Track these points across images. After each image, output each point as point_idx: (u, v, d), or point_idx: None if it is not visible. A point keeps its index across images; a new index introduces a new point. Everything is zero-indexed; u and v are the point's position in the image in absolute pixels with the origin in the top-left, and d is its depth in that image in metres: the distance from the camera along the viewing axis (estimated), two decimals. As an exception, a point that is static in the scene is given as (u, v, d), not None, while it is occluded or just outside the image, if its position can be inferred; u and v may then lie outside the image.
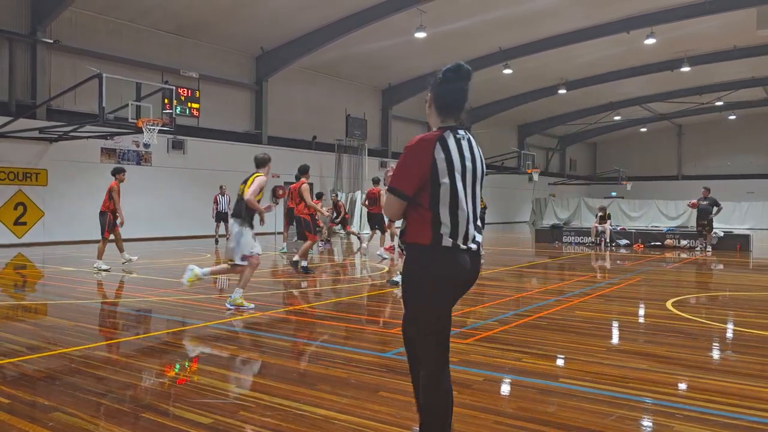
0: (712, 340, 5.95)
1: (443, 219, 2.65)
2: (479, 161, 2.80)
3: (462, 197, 2.68)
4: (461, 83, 2.77)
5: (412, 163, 2.64)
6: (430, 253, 2.66)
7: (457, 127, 2.77)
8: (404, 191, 2.66)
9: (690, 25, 23.40)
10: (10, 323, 6.62)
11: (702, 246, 17.29)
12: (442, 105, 2.79)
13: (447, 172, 2.64)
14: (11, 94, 17.17)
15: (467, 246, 2.70)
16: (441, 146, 2.64)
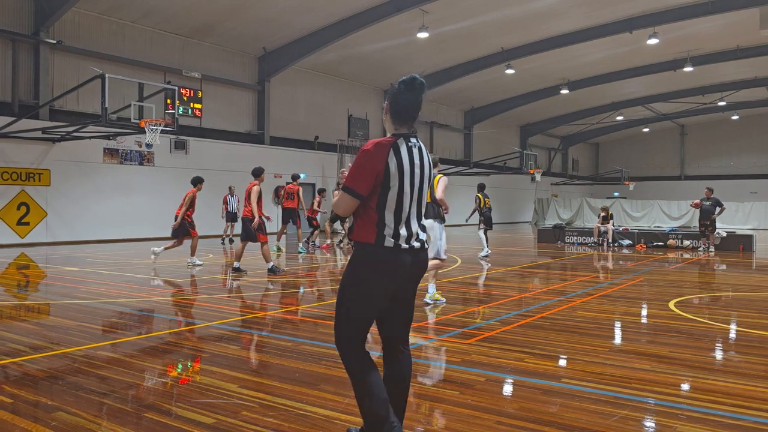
0: (715, 341, 5.94)
1: (387, 221, 2.87)
2: (427, 167, 3.01)
3: (407, 201, 2.90)
4: (414, 94, 2.94)
5: (367, 166, 2.83)
6: (373, 252, 2.88)
7: (409, 134, 2.97)
8: (359, 191, 2.85)
9: (693, 25, 23.37)
10: (14, 323, 6.63)
11: (705, 246, 17.26)
12: (396, 114, 2.96)
13: (397, 177, 2.84)
14: (14, 95, 17.21)
15: (409, 245, 2.91)
16: (394, 152, 2.85)
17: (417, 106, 2.97)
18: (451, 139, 35.90)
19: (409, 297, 3.08)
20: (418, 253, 2.97)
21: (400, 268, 2.91)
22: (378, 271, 2.89)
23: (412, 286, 3.07)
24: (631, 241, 18.93)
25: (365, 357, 2.98)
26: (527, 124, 41.50)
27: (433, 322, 6.66)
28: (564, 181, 45.18)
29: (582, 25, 23.58)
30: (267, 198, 23.59)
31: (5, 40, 17.07)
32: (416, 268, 2.99)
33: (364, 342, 3.02)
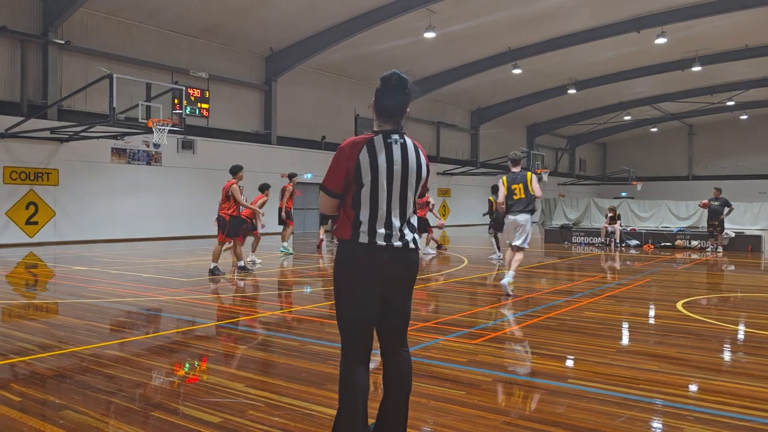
0: (724, 342, 5.90)
1: (362, 217, 2.85)
2: (413, 163, 2.93)
3: (384, 198, 2.85)
4: (396, 92, 2.91)
5: (339, 164, 2.85)
6: (349, 248, 2.88)
7: (391, 131, 2.92)
8: (332, 189, 2.88)
9: (701, 25, 23.25)
10: (22, 322, 6.67)
11: (713, 247, 17.17)
12: (379, 111, 2.94)
13: (369, 174, 2.81)
14: (23, 95, 17.31)
15: (388, 243, 2.85)
16: (367, 149, 2.83)
17: (400, 103, 2.92)
18: (458, 138, 35.87)
19: (400, 299, 2.99)
20: (400, 252, 2.90)
21: (376, 265, 2.85)
22: (354, 267, 2.87)
23: (402, 288, 2.98)
24: (638, 242, 18.84)
25: (357, 380, 2.86)
26: (534, 124, 41.40)
27: (440, 323, 6.65)
28: (571, 181, 45.04)
29: (589, 25, 23.49)
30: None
31: (14, 40, 17.17)
32: (400, 268, 2.91)
33: (364, 353, 2.91)
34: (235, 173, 10.99)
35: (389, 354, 3.03)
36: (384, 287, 2.90)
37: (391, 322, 3.00)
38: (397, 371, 3.01)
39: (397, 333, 3.03)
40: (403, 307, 3.02)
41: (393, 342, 3.02)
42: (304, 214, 25.82)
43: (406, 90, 2.91)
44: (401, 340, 3.05)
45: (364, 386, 2.88)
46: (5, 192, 16.57)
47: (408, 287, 3.01)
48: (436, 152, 33.87)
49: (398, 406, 2.99)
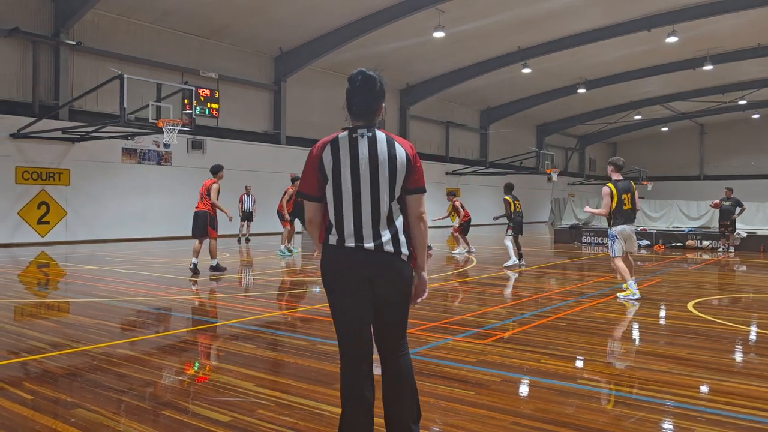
0: (735, 343, 5.86)
1: (331, 218, 2.80)
2: (384, 159, 2.75)
3: (349, 197, 2.73)
4: (362, 91, 2.82)
5: (308, 167, 2.83)
6: (323, 249, 2.84)
7: (359, 126, 2.81)
8: (307, 192, 2.83)
9: (713, 23, 23.07)
10: (34, 321, 6.73)
11: (724, 247, 17.04)
12: (351, 109, 2.86)
13: (332, 173, 2.75)
14: (35, 95, 17.46)
15: (358, 244, 2.73)
16: (331, 148, 2.77)
17: (367, 101, 2.81)
18: (467, 138, 35.80)
19: (387, 304, 2.81)
20: (372, 254, 2.72)
21: (345, 268, 2.75)
22: (327, 269, 2.81)
23: (386, 292, 2.78)
24: (649, 242, 18.74)
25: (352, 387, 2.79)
26: (544, 124, 41.25)
27: (449, 323, 6.65)
28: (581, 180, 44.84)
29: (599, 24, 23.37)
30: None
31: (26, 41, 17.32)
32: (374, 270, 2.74)
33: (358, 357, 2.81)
34: (216, 173, 11.27)
35: (383, 361, 2.91)
36: (365, 290, 2.76)
37: (380, 328, 2.87)
38: (393, 379, 2.87)
39: (388, 340, 2.88)
40: (390, 312, 2.83)
41: (385, 349, 2.88)
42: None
43: (374, 88, 2.82)
44: (393, 347, 2.88)
45: (360, 394, 2.78)
46: (17, 192, 16.72)
47: (392, 292, 2.80)
48: (446, 152, 33.82)
49: (398, 412, 2.86)
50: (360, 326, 2.81)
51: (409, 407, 2.86)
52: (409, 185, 2.80)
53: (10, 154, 16.60)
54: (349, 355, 2.83)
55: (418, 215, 2.84)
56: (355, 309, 2.78)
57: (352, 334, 2.82)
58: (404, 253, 2.79)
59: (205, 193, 10.94)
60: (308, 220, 2.88)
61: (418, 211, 2.84)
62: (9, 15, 16.89)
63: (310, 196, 2.83)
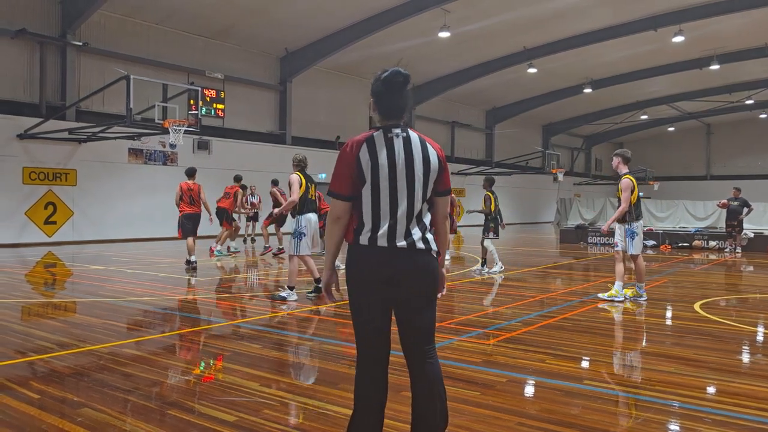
0: (742, 343, 5.84)
1: (365, 218, 2.72)
2: (419, 159, 2.75)
3: (386, 196, 2.70)
4: (396, 92, 2.80)
5: (342, 166, 2.75)
6: (352, 251, 2.78)
7: (392, 125, 2.79)
8: (340, 192, 2.75)
9: (719, 22, 22.97)
10: (41, 320, 6.76)
11: (731, 247, 16.97)
12: (382, 109, 2.83)
13: (370, 173, 2.69)
14: (42, 96, 17.54)
15: (391, 243, 2.69)
16: (367, 147, 2.72)
17: (402, 102, 2.80)
18: (473, 138, 35.76)
19: (413, 305, 2.78)
20: (404, 253, 2.70)
21: (377, 267, 2.71)
22: (357, 269, 2.75)
23: (414, 293, 2.76)
24: (655, 242, 18.67)
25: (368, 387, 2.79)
26: (549, 124, 41.16)
27: (454, 323, 6.64)
28: (587, 181, 44.72)
29: (605, 24, 23.30)
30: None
31: (33, 42, 17.40)
32: (405, 269, 2.72)
33: (377, 358, 2.80)
34: (191, 175, 11.80)
35: (411, 366, 2.85)
36: (394, 291, 2.74)
37: (407, 331, 2.82)
38: (421, 386, 2.81)
39: (415, 343, 2.83)
40: (418, 314, 2.79)
41: (412, 353, 2.83)
42: (318, 214, 25.87)
43: (407, 86, 2.82)
44: (422, 350, 2.82)
45: (373, 395, 2.78)
46: (24, 192, 16.80)
47: (421, 291, 2.78)
48: (451, 152, 33.79)
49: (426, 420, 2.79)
50: (381, 326, 2.80)
51: (437, 415, 2.81)
52: (440, 187, 2.82)
53: (17, 155, 16.69)
54: (368, 356, 2.81)
55: (445, 215, 2.89)
56: (378, 310, 2.77)
57: (373, 335, 2.80)
58: (434, 249, 2.81)
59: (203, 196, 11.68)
60: (335, 218, 2.77)
61: (445, 212, 2.89)
62: (16, 16, 16.98)
63: (342, 195, 2.75)
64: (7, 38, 16.82)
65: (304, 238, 7.83)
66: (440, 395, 2.82)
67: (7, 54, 16.99)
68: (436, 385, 2.81)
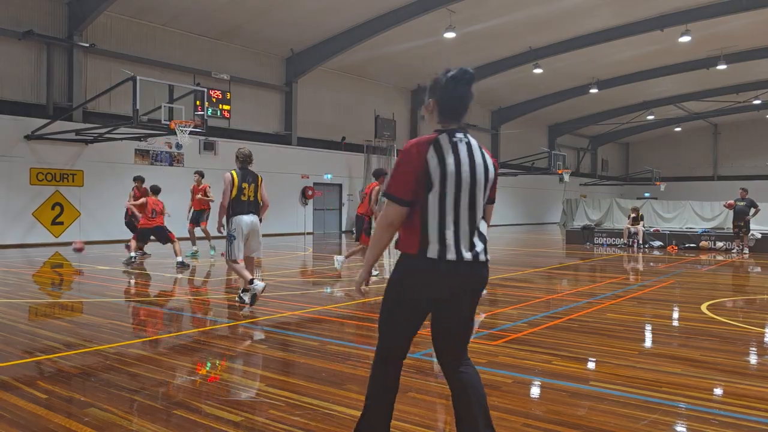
0: (749, 345, 5.80)
1: (431, 228, 2.58)
2: (480, 166, 2.69)
3: (452, 205, 2.59)
4: (465, 89, 2.73)
5: (406, 169, 2.58)
6: (415, 263, 2.61)
7: (456, 129, 2.70)
8: (402, 197, 2.58)
9: (727, 22, 22.87)
10: (48, 320, 6.79)
11: (738, 248, 16.89)
12: (446, 110, 2.73)
13: (439, 178, 2.56)
14: (49, 97, 17.63)
15: (459, 257, 2.59)
16: (435, 150, 2.59)
17: (468, 101, 2.73)
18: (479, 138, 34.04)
19: (464, 314, 2.74)
20: (469, 266, 2.62)
21: (445, 282, 2.61)
22: (419, 284, 2.62)
23: (467, 303, 2.72)
24: (662, 243, 18.60)
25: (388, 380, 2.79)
26: (555, 124, 41.07)
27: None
28: (593, 181, 44.59)
29: (612, 24, 23.24)
30: (298, 199, 23.71)
31: (41, 44, 17.49)
32: (469, 283, 2.67)
33: (399, 358, 2.81)
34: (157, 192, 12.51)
35: (451, 371, 2.78)
36: (446, 303, 2.68)
37: (450, 339, 2.76)
38: (463, 388, 2.74)
39: (457, 350, 2.78)
40: (466, 323, 2.77)
41: (453, 356, 2.78)
42: (324, 215, 25.92)
43: (472, 87, 2.73)
44: (463, 356, 2.80)
45: (394, 387, 2.81)
46: (32, 193, 16.88)
47: (474, 302, 2.75)
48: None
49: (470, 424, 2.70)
50: (413, 333, 2.78)
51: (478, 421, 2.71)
52: (491, 194, 2.78)
53: (25, 156, 16.78)
54: (393, 357, 2.79)
55: (488, 224, 2.85)
56: (421, 319, 2.74)
57: (406, 341, 2.78)
58: (488, 260, 2.75)
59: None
60: (389, 224, 2.60)
61: (490, 220, 2.87)
62: (23, 18, 17.08)
63: (403, 200, 2.58)
64: (15, 40, 16.92)
65: (234, 241, 7.39)
66: (481, 398, 2.73)
67: (14, 55, 17.09)
68: (477, 388, 2.74)
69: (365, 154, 26.90)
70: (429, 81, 2.81)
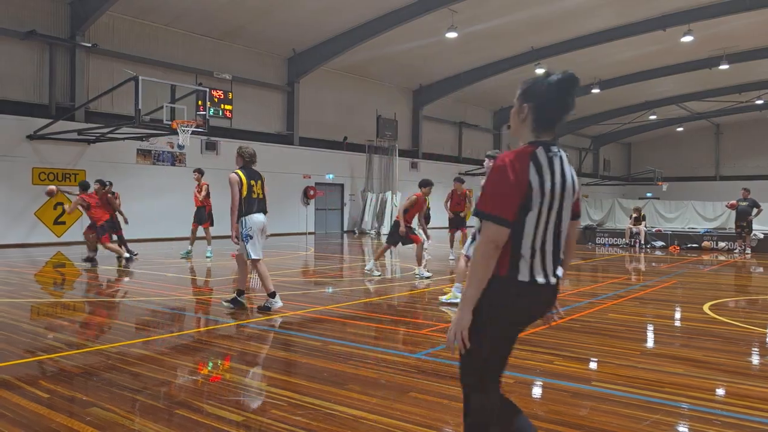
0: (752, 345, 5.79)
1: (524, 249, 2.38)
2: (571, 182, 2.47)
3: (544, 224, 2.39)
4: (571, 97, 2.50)
5: (508, 184, 2.32)
6: (504, 286, 2.37)
7: (550, 142, 2.48)
8: (506, 217, 2.31)
9: (729, 22, 22.83)
10: (50, 320, 6.80)
11: (741, 248, 16.87)
12: (544, 119, 2.50)
13: (539, 196, 2.35)
14: (51, 97, 17.65)
15: (547, 281, 2.43)
16: (534, 167, 2.37)
17: (570, 110, 2.51)
18: (480, 139, 35.69)
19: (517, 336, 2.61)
20: (551, 291, 2.49)
21: (534, 307, 2.48)
22: (509, 309, 2.40)
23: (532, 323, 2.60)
24: (664, 243, 18.58)
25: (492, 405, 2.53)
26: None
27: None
28: (595, 181, 44.54)
29: (614, 23, 23.21)
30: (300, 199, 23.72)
31: (43, 44, 17.52)
32: (546, 308, 2.57)
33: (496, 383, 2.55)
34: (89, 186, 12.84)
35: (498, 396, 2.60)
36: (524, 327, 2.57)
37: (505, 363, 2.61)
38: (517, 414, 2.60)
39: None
40: None
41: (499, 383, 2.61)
42: (326, 215, 25.94)
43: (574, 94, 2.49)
44: None
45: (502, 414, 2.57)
46: (34, 192, 16.90)
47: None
48: (458, 152, 33.76)
49: None
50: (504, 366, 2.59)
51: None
52: (575, 208, 2.56)
53: (27, 156, 16.80)
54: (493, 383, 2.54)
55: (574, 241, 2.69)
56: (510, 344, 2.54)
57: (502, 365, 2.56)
58: None
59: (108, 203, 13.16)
60: (495, 248, 2.32)
61: (575, 237, 2.69)
62: (26, 18, 17.10)
63: (507, 221, 2.31)
64: (18, 40, 16.94)
65: (251, 241, 7.19)
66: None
67: (17, 55, 17.11)
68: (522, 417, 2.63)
69: (367, 154, 26.90)
70: (524, 83, 2.58)
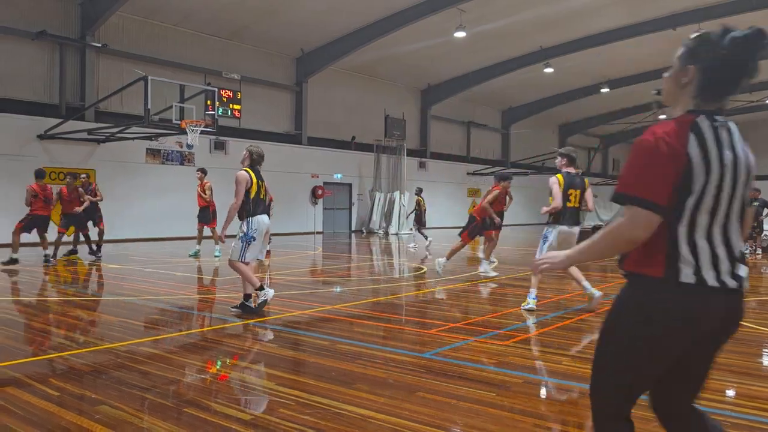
0: (762, 346, 5.75)
1: (685, 243, 1.93)
2: (743, 160, 2.00)
3: (711, 212, 1.93)
4: (754, 58, 1.95)
5: (655, 162, 1.89)
6: (661, 291, 1.94)
7: (715, 111, 2.01)
8: (656, 201, 1.88)
9: (740, 21, 22.46)
10: (60, 318, 6.84)
11: (751, 249, 16.75)
12: (713, 82, 2.00)
13: (703, 175, 1.90)
14: (62, 97, 17.77)
15: (721, 283, 1.93)
16: (696, 136, 1.91)
17: (751, 73, 1.98)
18: (489, 138, 35.63)
19: (712, 356, 2.15)
20: (733, 299, 1.98)
21: (703, 318, 1.94)
22: (667, 320, 1.93)
23: (722, 343, 2.12)
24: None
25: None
26: (566, 124, 40.89)
27: (470, 324, 6.62)
28: (604, 181, 44.31)
29: (623, 23, 23.11)
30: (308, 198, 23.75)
31: (53, 44, 17.64)
32: (729, 321, 2.02)
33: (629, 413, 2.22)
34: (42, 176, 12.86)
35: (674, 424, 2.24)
36: (698, 343, 2.04)
37: (690, 386, 2.18)
38: None
39: (688, 398, 2.20)
40: (708, 366, 2.16)
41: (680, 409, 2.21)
42: (334, 214, 25.96)
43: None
44: (688, 407, 2.21)
45: None
46: (44, 192, 17.00)
47: (723, 345, 2.13)
48: (467, 152, 33.70)
49: None
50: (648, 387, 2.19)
51: None
52: (750, 193, 2.07)
53: (37, 155, 16.90)
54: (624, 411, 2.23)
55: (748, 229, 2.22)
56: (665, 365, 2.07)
57: (642, 390, 2.16)
58: None
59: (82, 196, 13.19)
60: (635, 239, 1.93)
61: (749, 226, 2.28)
62: (36, 18, 17.22)
63: (656, 204, 1.88)
64: (28, 40, 17.06)
65: (254, 243, 7.00)
66: None
67: (27, 55, 17.24)
68: None
69: (375, 153, 26.91)
70: (690, 40, 2.09)
